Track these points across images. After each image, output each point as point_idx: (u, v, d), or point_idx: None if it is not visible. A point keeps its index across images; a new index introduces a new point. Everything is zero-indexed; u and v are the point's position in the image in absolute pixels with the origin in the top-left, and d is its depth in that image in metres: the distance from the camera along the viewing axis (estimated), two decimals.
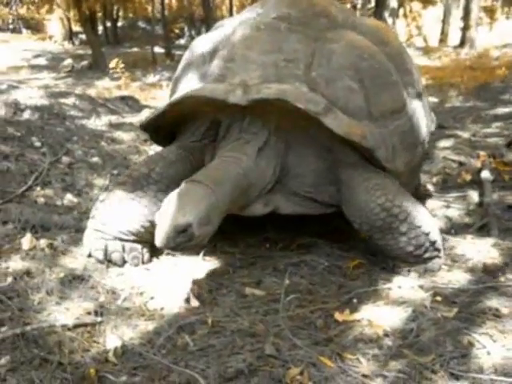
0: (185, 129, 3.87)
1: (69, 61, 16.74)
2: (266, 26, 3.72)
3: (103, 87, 9.72)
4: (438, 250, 3.45)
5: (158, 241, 2.89)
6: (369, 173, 3.46)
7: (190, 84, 3.79)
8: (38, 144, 4.99)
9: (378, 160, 3.47)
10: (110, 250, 3.44)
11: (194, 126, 3.80)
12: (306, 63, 3.56)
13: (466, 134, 6.94)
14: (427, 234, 3.36)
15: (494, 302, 3.08)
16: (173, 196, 3.03)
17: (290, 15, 3.78)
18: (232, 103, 3.39)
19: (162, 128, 3.96)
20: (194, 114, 3.74)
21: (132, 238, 3.45)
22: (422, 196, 4.59)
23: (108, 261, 3.46)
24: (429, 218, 3.48)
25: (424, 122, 4.08)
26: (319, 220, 3.88)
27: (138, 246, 3.49)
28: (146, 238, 3.44)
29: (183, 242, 2.91)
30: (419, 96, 4.12)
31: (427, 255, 3.42)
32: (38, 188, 4.24)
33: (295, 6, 3.86)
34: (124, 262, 3.48)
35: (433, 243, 3.40)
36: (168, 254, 3.59)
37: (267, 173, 3.52)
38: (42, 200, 4.05)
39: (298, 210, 3.63)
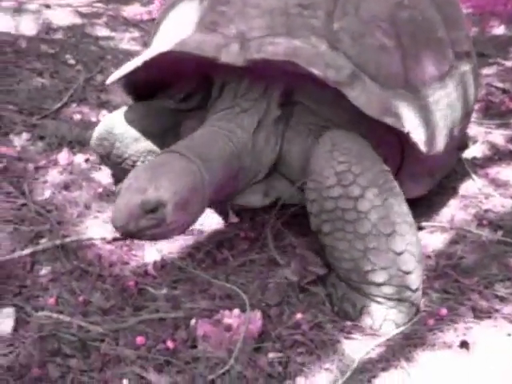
0: (166, 89, 3.13)
1: None
2: None
3: (134, 13, 9.54)
4: (413, 291, 2.35)
5: (115, 221, 2.17)
6: (342, 136, 2.53)
7: (173, 30, 2.91)
8: (72, 62, 4.89)
9: (415, 143, 2.66)
10: None
11: (177, 87, 3.08)
12: (327, 10, 2.66)
13: (509, 63, 6.67)
14: (404, 266, 2.31)
15: None
16: (142, 167, 2.39)
17: None
18: (224, 63, 2.61)
19: (139, 87, 3.17)
20: (177, 70, 2.95)
21: None
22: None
23: None
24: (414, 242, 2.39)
25: (472, 91, 3.27)
26: None
27: None
28: None
29: (148, 226, 2.20)
30: (468, 56, 3.26)
31: (397, 295, 2.34)
32: (74, 105, 4.18)
33: None
34: None
35: (408, 285, 2.33)
36: None
37: (264, 154, 2.74)
38: (77, 116, 4.00)
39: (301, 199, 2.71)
